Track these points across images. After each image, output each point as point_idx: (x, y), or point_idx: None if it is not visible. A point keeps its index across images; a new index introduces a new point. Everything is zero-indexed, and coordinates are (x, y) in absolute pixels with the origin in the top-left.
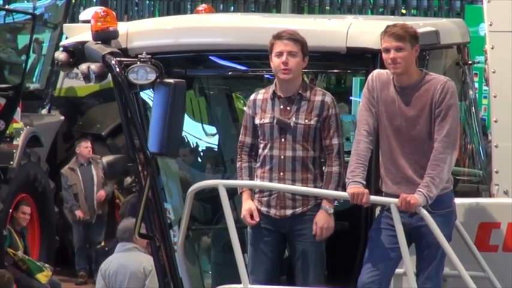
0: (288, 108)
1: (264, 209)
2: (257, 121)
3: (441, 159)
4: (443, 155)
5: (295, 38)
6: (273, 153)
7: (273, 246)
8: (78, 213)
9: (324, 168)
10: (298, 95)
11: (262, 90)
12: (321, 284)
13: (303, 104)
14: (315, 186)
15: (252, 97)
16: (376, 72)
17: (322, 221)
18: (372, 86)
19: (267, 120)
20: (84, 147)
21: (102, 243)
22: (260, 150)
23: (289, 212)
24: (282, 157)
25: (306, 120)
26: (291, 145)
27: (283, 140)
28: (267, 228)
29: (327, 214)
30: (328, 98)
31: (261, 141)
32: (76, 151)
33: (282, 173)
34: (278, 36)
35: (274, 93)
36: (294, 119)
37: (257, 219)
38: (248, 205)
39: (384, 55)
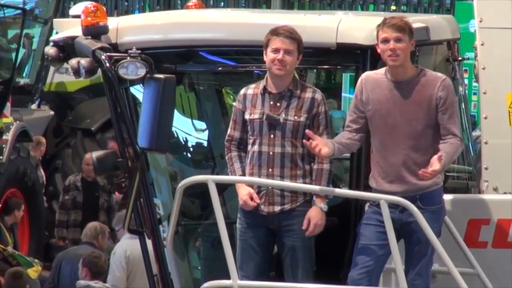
0: (278, 104)
1: None
2: (247, 116)
3: (456, 148)
4: (458, 148)
5: (293, 37)
6: (261, 149)
7: (261, 242)
8: None
9: (312, 164)
10: (288, 91)
11: (253, 85)
12: (309, 279)
13: (293, 101)
14: (304, 183)
15: (242, 91)
16: (364, 75)
17: (316, 218)
18: (360, 89)
19: (256, 116)
20: None
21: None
22: (249, 146)
23: (277, 208)
24: (271, 153)
25: (296, 117)
26: (280, 141)
27: (272, 136)
28: (255, 224)
29: (320, 211)
30: (318, 95)
31: (250, 137)
32: None
33: (270, 169)
34: (276, 33)
35: (264, 88)
36: (283, 115)
37: (258, 201)
38: (246, 190)
39: (383, 46)
